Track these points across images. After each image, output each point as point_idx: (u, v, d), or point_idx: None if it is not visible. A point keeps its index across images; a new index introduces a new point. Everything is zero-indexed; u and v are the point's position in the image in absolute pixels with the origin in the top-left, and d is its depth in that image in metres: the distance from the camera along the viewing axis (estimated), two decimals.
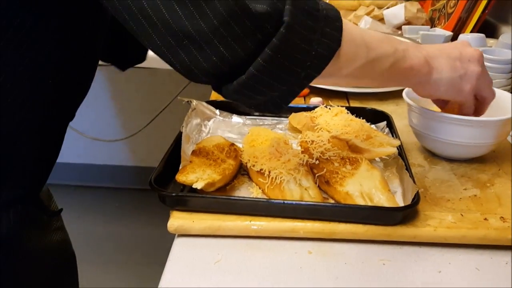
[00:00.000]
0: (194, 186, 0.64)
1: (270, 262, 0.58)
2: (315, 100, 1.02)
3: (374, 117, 0.89)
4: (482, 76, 0.66)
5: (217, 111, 0.93)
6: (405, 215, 0.61)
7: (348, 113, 0.86)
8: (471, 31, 1.39)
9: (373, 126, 0.87)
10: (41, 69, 0.56)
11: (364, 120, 0.83)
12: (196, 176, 0.66)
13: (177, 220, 0.61)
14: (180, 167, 0.70)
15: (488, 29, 1.42)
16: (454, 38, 1.36)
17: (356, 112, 0.87)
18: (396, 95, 1.05)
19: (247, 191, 0.69)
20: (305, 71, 0.50)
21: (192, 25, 0.45)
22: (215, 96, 0.97)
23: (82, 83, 0.65)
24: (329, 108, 0.87)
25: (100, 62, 0.71)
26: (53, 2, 0.54)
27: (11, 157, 0.58)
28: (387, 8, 1.55)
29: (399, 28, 1.50)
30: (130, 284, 1.90)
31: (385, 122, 0.87)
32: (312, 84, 0.53)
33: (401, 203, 0.64)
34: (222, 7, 0.45)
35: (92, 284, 1.78)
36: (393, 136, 0.81)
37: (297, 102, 1.03)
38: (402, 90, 0.83)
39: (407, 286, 0.55)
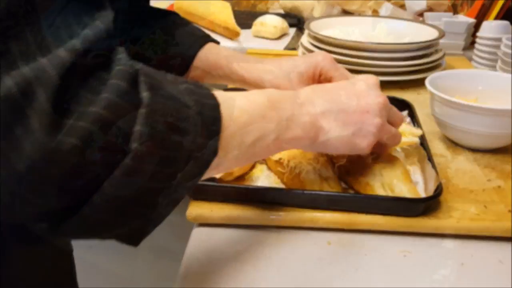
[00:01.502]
0: None
1: (288, 252, 0.57)
2: None
3: (396, 105, 0.87)
4: (382, 127, 0.57)
5: None
6: (427, 206, 0.59)
7: None
8: (495, 18, 1.36)
9: None
10: None
11: None
12: None
13: (196, 209, 0.61)
14: None
15: None
16: (477, 25, 1.32)
17: None
18: (417, 83, 1.03)
19: (265, 181, 0.68)
20: (167, 198, 0.41)
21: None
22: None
23: None
24: None
25: None
26: None
27: None
28: None
29: (420, 14, 1.47)
30: (147, 271, 1.92)
31: (406, 111, 0.85)
32: None
33: (422, 194, 0.63)
34: (30, 151, 0.32)
35: (109, 271, 1.80)
36: (414, 125, 0.79)
37: None
38: (424, 78, 0.81)
39: (428, 278, 0.54)
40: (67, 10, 0.36)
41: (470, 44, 1.37)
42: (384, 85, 1.04)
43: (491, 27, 1.21)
